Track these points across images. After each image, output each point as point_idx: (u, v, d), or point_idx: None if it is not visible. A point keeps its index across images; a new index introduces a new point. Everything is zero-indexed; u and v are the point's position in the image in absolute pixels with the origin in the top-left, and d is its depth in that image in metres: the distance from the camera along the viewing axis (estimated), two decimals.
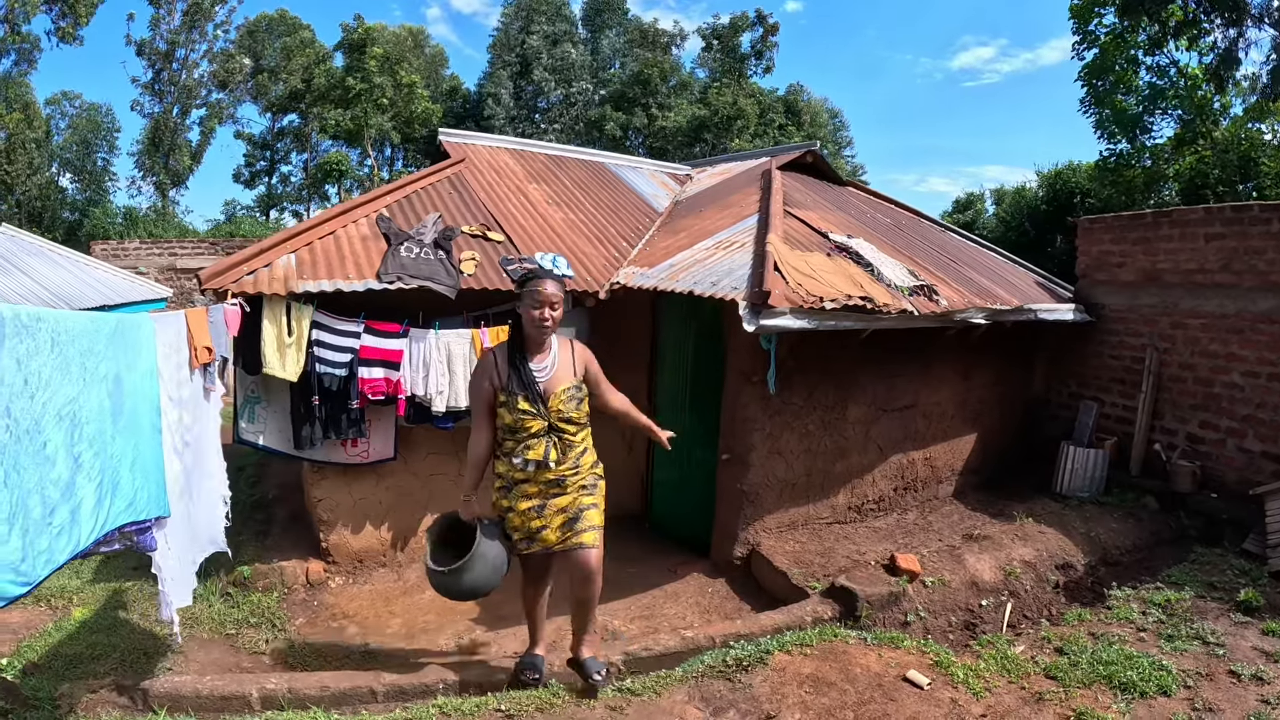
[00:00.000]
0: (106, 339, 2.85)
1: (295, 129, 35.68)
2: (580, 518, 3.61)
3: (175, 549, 3.26)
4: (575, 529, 3.59)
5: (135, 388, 3.04)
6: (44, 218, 28.47)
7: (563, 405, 3.53)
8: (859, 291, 4.86)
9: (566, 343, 3.71)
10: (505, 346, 3.61)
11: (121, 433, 2.90)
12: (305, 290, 4.75)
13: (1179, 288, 6.53)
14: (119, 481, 2.86)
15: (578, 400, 3.61)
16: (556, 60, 32.17)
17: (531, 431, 3.51)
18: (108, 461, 2.80)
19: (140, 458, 3.03)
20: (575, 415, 3.58)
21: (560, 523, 3.60)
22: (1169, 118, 17.47)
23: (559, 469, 3.56)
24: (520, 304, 3.54)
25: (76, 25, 27.08)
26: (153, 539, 3.07)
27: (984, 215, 26.52)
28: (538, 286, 3.46)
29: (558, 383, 3.55)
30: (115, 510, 2.82)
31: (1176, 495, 6.23)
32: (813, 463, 5.75)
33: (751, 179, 7.47)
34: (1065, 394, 7.50)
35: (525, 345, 3.57)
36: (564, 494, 3.60)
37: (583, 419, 3.66)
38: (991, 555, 5.35)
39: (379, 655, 4.49)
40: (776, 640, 4.14)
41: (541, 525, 3.58)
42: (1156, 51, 16.63)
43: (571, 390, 3.58)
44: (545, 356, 3.58)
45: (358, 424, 5.05)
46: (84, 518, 2.66)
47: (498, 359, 3.58)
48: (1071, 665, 4.00)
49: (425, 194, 6.31)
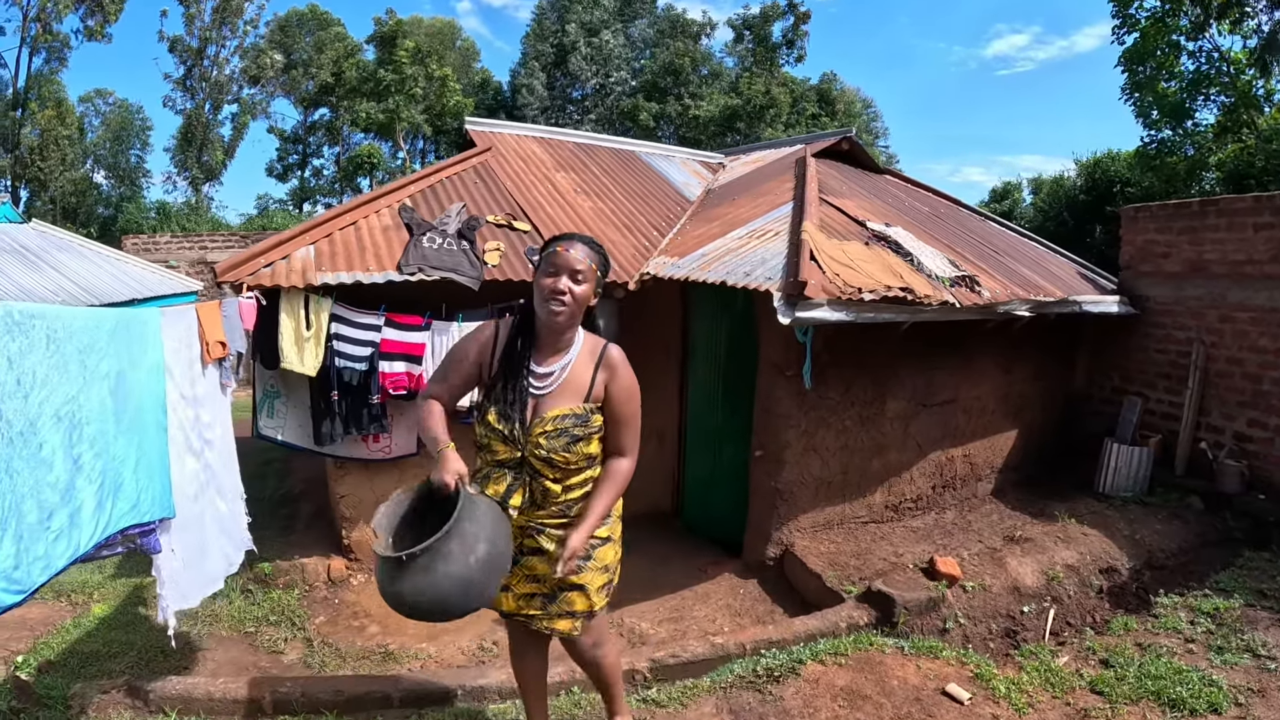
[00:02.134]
0: (108, 335, 2.74)
1: (327, 123, 35.97)
2: (558, 598, 2.60)
3: (181, 551, 3.14)
4: (547, 610, 2.61)
5: (140, 385, 2.93)
6: (79, 214, 29.00)
7: (546, 441, 2.44)
8: (899, 282, 4.64)
9: (595, 347, 2.57)
10: (512, 326, 2.61)
11: (125, 432, 2.78)
12: (324, 282, 4.63)
13: (1226, 279, 6.24)
14: (122, 483, 2.74)
15: (573, 438, 2.46)
16: (594, 49, 32.00)
17: (499, 459, 2.52)
18: (110, 463, 2.69)
19: (145, 458, 2.91)
20: (561, 459, 2.46)
21: (527, 593, 2.62)
22: (1212, 104, 16.97)
23: (533, 512, 2.54)
24: (535, 277, 2.52)
25: (105, 23, 27.45)
26: (156, 541, 2.96)
27: (1021, 205, 26.08)
28: (558, 248, 2.46)
29: (554, 404, 2.47)
30: (118, 513, 2.71)
31: (1222, 496, 5.97)
32: (849, 460, 5.55)
33: (785, 167, 7.28)
34: (1108, 389, 7.22)
35: (535, 336, 2.54)
36: (540, 553, 2.56)
37: (577, 463, 2.51)
38: (1033, 558, 5.12)
39: (399, 657, 4.39)
40: (809, 649, 3.97)
41: (503, 585, 2.57)
42: (1199, 36, 16.12)
43: (569, 420, 2.46)
44: (557, 359, 2.51)
45: (379, 419, 4.95)
46: (84, 521, 2.54)
47: (499, 335, 2.59)
48: (1118, 679, 3.79)
49: (450, 183, 6.19)
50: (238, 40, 32.04)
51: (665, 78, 30.93)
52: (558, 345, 2.52)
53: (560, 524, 2.53)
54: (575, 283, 2.42)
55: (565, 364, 2.51)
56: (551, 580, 2.55)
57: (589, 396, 2.50)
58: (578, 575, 2.55)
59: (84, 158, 31.04)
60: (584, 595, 2.59)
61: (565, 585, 2.56)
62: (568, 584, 2.56)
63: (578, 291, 2.43)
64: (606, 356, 2.54)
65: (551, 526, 2.54)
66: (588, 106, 32.59)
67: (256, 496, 6.21)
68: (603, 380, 2.52)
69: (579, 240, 2.50)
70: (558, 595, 2.59)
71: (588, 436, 2.49)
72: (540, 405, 2.48)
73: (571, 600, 2.59)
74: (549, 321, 2.45)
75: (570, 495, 2.53)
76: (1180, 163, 17.09)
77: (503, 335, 2.59)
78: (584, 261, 2.44)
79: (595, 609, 2.64)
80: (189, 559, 3.21)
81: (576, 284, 2.43)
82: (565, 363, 2.51)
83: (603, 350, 2.55)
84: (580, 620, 2.64)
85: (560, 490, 2.51)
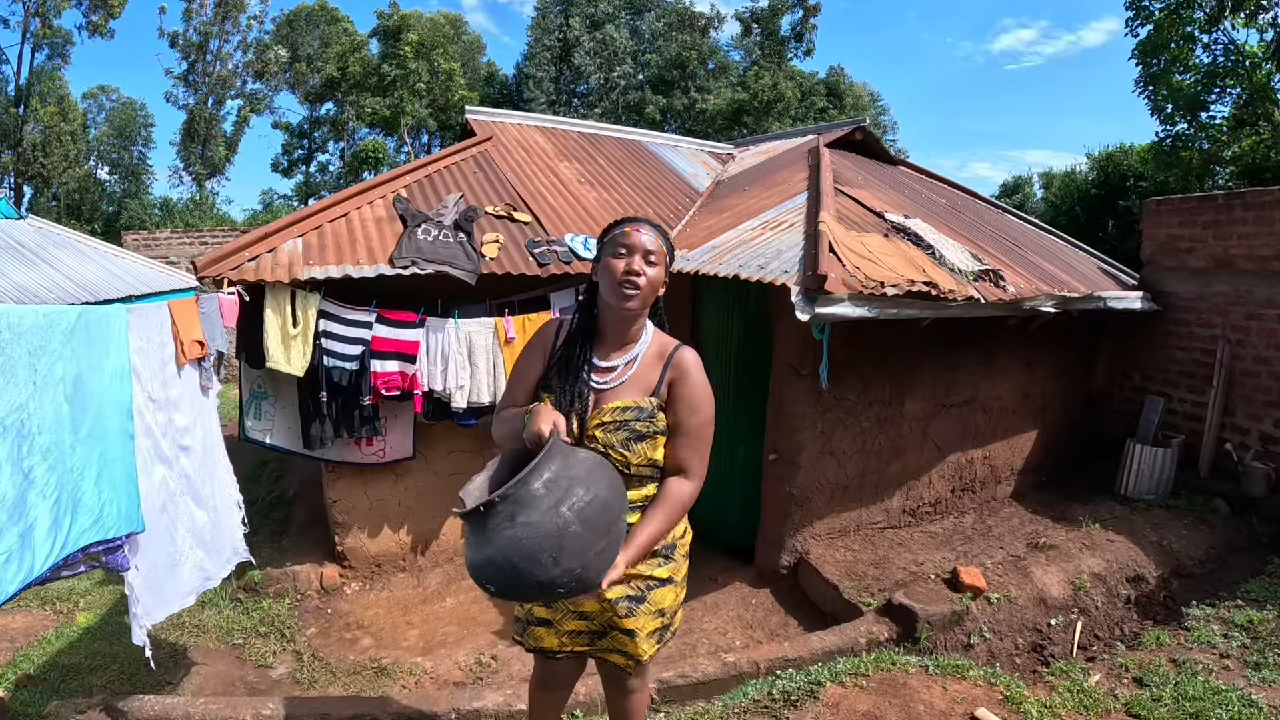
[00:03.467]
0: (64, 336, 2.49)
1: (332, 118, 35.77)
2: (608, 636, 2.32)
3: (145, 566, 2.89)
4: (597, 645, 2.36)
5: (101, 390, 2.68)
6: (83, 210, 28.88)
7: (604, 434, 2.15)
8: (921, 276, 4.38)
9: (664, 346, 2.28)
10: (573, 320, 2.34)
11: (84, 442, 2.54)
12: (311, 277, 4.38)
13: (1253, 275, 6.00)
14: (81, 497, 2.51)
15: (634, 434, 2.15)
16: (598, 44, 31.74)
17: None
18: (66, 475, 2.44)
19: (108, 469, 2.67)
20: (620, 457, 2.15)
21: (574, 630, 2.35)
22: (1228, 97, 16.66)
23: None
24: (598, 261, 2.24)
25: (108, 18, 27.30)
26: (124, 559, 2.71)
27: (1032, 199, 25.78)
28: (626, 228, 2.19)
29: (616, 397, 2.19)
30: (78, 529, 2.48)
31: (1249, 499, 5.76)
32: (866, 463, 5.30)
33: (798, 157, 7.04)
34: (1128, 388, 6.98)
35: (598, 327, 2.28)
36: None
37: (638, 466, 2.18)
38: (1059, 567, 4.89)
39: (392, 672, 4.16)
40: (828, 669, 3.71)
41: (545, 619, 2.35)
42: (1213, 29, 15.81)
43: (631, 413, 2.16)
44: (623, 353, 2.23)
45: (371, 421, 4.70)
46: (38, 541, 2.30)
47: (560, 333, 2.33)
48: (1154, 700, 3.55)
49: (448, 173, 5.94)
50: (240, 35, 31.85)
51: (672, 71, 30.65)
52: (624, 338, 2.24)
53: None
54: (649, 264, 2.15)
55: (632, 358, 2.22)
56: (601, 618, 2.29)
57: (656, 391, 2.20)
58: (629, 619, 2.24)
59: (87, 154, 30.87)
60: (635, 641, 2.27)
61: (615, 625, 2.27)
62: (616, 625, 2.27)
63: (650, 274, 2.15)
64: (677, 356, 2.24)
65: None
66: (593, 101, 32.32)
67: (249, 500, 6.01)
68: (670, 379, 2.21)
69: (646, 222, 2.23)
70: (607, 633, 2.31)
71: (652, 435, 2.17)
72: (602, 398, 2.20)
73: (621, 642, 2.30)
74: (619, 307, 2.15)
75: (630, 518, 2.18)
76: (1195, 156, 16.79)
77: (563, 331, 2.32)
78: (656, 243, 2.17)
79: (643, 658, 2.33)
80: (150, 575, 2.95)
81: (649, 265, 2.15)
82: (632, 357, 2.23)
83: (673, 350, 2.26)
84: (641, 669, 2.39)
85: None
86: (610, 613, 2.23)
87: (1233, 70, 15.97)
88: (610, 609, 2.22)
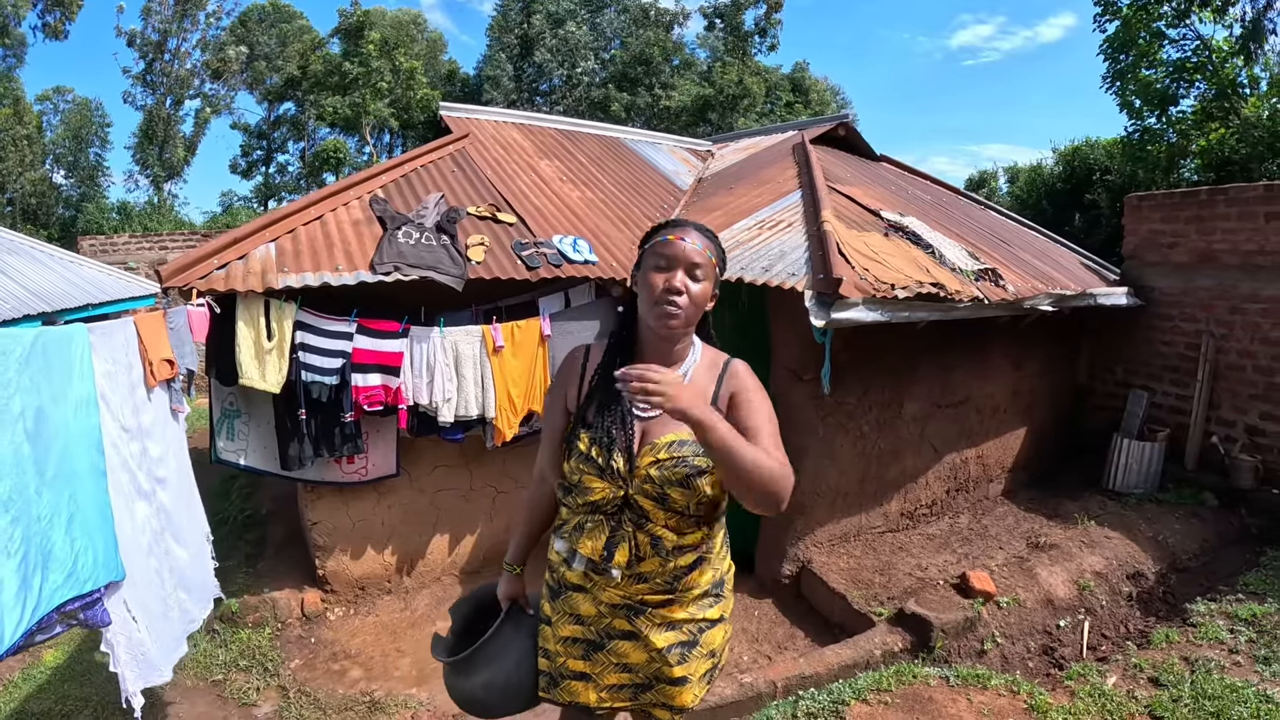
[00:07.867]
0: (18, 365, 2.18)
1: (292, 118, 35.08)
2: (654, 689, 2.06)
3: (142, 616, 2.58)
4: (640, 700, 2.09)
5: (66, 423, 2.38)
6: (39, 215, 27.96)
7: (659, 472, 1.87)
8: (928, 278, 4.25)
9: (715, 360, 2.05)
10: (609, 339, 2.08)
11: (50, 485, 2.24)
12: (286, 285, 4.09)
13: (1237, 270, 6.01)
14: (51, 549, 2.21)
15: (694, 470, 1.87)
16: (560, 40, 31.42)
17: (593, 500, 1.94)
18: (33, 526, 2.15)
19: (80, 513, 2.36)
20: (677, 498, 1.88)
21: (616, 684, 2.07)
22: (1195, 91, 16.82)
23: (631, 585, 1.96)
24: (638, 269, 1.97)
25: (65, 20, 26.47)
26: (104, 613, 2.40)
27: (998, 194, 25.92)
28: (669, 235, 1.90)
29: (670, 428, 1.90)
30: (50, 588, 2.17)
31: (1237, 491, 5.79)
32: (867, 467, 5.17)
33: (783, 153, 6.91)
34: (1111, 383, 6.98)
35: (635, 347, 2.02)
36: (633, 638, 2.01)
37: (695, 506, 1.91)
38: (1062, 566, 4.82)
39: (386, 706, 3.91)
40: (850, 686, 3.56)
41: (583, 673, 2.08)
42: (1181, 23, 15.96)
43: (689, 447, 1.88)
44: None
45: (353, 439, 4.42)
46: (6, 608, 2.00)
47: (589, 360, 2.07)
48: (1174, 700, 3.49)
49: (425, 172, 5.68)
50: (200, 32, 31.04)
51: (636, 68, 30.44)
52: (669, 359, 1.95)
53: (664, 600, 1.97)
54: (693, 279, 1.87)
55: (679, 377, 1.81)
56: (647, 669, 2.03)
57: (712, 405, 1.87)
58: (681, 666, 2.00)
59: (43, 157, 29.88)
60: (686, 689, 2.03)
61: (662, 677, 2.02)
62: (664, 675, 2.01)
63: (695, 291, 1.87)
64: (731, 369, 2.00)
65: (654, 605, 1.97)
66: (556, 98, 32.01)
67: (219, 519, 5.69)
68: (728, 391, 1.94)
69: (693, 227, 1.93)
70: (653, 686, 2.05)
71: (711, 469, 1.87)
72: (650, 430, 1.92)
73: (669, 694, 2.03)
74: (659, 329, 1.89)
75: (681, 560, 1.94)
76: (1162, 150, 16.94)
77: (595, 356, 2.06)
78: (702, 253, 1.88)
79: (690, 706, 2.08)
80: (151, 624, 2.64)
81: (694, 280, 1.87)
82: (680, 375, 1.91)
83: (726, 364, 2.01)
84: (676, 716, 2.12)
85: (672, 541, 1.92)
86: (659, 663, 1.99)
87: (1201, 65, 16.11)
88: (660, 659, 1.99)
